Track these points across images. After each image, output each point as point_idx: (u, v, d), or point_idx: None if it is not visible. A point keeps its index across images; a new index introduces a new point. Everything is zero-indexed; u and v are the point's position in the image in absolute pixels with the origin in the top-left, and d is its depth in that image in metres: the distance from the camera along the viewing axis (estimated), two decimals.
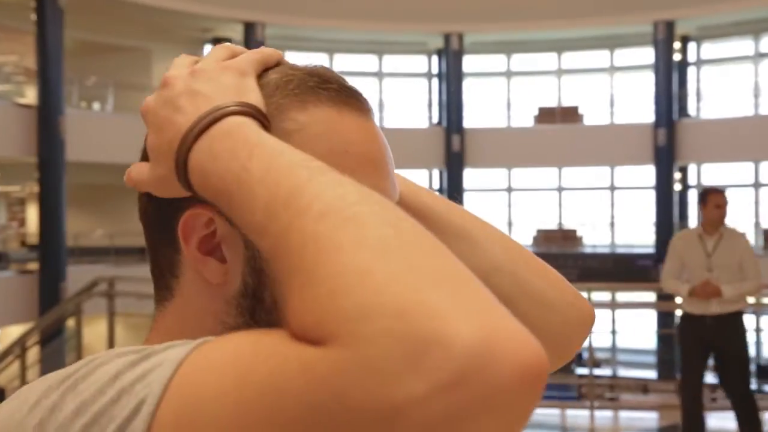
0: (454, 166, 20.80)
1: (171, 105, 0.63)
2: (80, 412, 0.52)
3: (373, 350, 0.44)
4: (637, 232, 20.73)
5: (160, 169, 0.63)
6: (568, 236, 21.11)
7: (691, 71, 20.79)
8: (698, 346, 5.79)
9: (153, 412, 0.51)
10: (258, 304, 0.64)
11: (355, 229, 0.48)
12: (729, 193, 6.00)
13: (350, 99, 0.68)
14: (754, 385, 6.32)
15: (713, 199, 5.70)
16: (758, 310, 9.42)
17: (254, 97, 0.63)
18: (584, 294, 0.81)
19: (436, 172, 21.65)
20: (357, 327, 0.45)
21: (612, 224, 21.13)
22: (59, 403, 0.53)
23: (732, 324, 5.71)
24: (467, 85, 21.40)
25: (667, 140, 19.22)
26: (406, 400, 0.43)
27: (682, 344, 5.97)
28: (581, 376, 9.95)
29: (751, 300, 6.77)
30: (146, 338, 0.69)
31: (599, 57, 21.93)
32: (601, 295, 14.78)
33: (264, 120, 0.61)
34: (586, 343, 6.87)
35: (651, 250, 19.57)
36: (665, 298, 12.37)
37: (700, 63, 20.96)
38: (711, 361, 5.97)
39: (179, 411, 0.51)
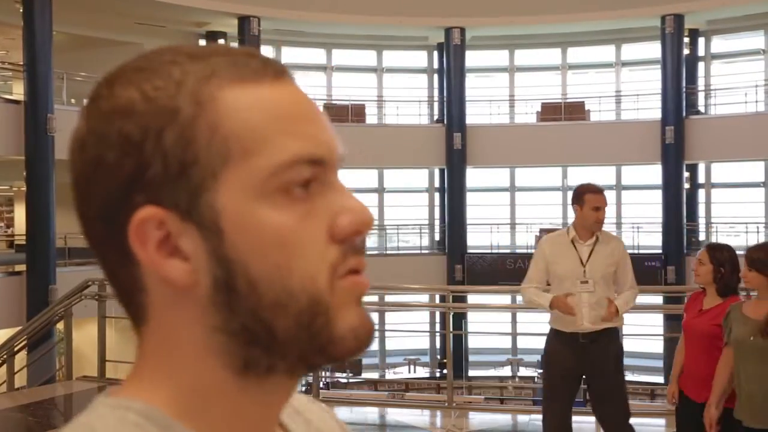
0: (455, 164, 20.57)
1: None
2: None
3: None
4: (645, 233, 20.47)
5: None
6: None
7: (700, 66, 20.64)
8: (567, 371, 4.96)
9: None
10: (233, 295, 0.62)
11: None
12: (741, 192, 5.24)
13: (271, 68, 0.66)
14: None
15: (592, 199, 4.88)
16: None
17: None
18: None
19: (437, 171, 21.45)
20: None
21: (618, 224, 20.92)
22: None
23: (606, 343, 4.92)
24: (469, 81, 21.15)
25: (675, 138, 19.06)
26: None
27: (549, 369, 5.10)
28: None
29: None
30: (135, 365, 0.66)
31: (605, 52, 21.80)
32: None
33: None
34: None
35: (658, 251, 19.34)
36: (673, 300, 12.09)
37: (709, 58, 20.75)
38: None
39: None
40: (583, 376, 5.07)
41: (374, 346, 12.21)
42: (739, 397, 4.22)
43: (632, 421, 7.69)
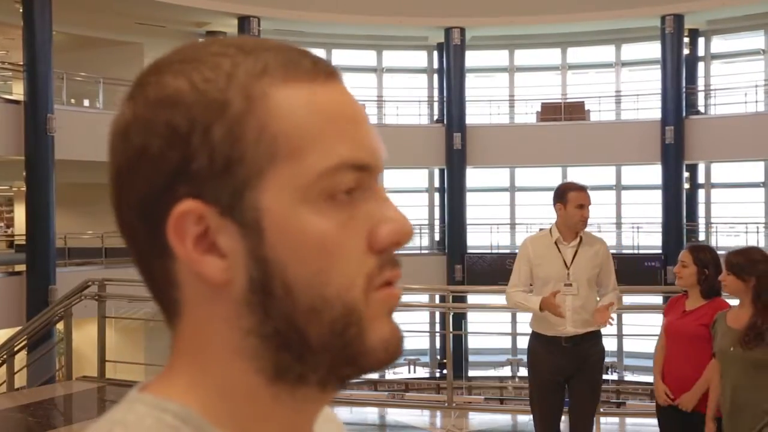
0: (455, 164, 20.57)
1: None
2: None
3: None
4: (644, 233, 20.46)
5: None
6: None
7: (700, 66, 20.64)
8: (552, 374, 4.83)
9: None
10: (268, 297, 0.61)
11: None
12: (741, 193, 5.06)
13: (323, 69, 0.65)
14: None
15: (575, 197, 4.68)
16: None
17: None
18: None
19: (436, 171, 21.43)
20: None
21: (618, 224, 20.89)
22: None
23: (589, 346, 4.80)
24: (469, 81, 21.14)
25: (675, 138, 19.05)
26: None
27: (533, 373, 4.95)
28: None
29: None
30: (169, 360, 0.66)
31: (605, 52, 21.80)
32: None
33: None
34: None
35: (658, 251, 19.33)
36: None
37: (709, 58, 20.74)
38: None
39: None
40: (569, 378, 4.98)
41: None
42: (723, 407, 4.17)
43: (632, 420, 7.72)
